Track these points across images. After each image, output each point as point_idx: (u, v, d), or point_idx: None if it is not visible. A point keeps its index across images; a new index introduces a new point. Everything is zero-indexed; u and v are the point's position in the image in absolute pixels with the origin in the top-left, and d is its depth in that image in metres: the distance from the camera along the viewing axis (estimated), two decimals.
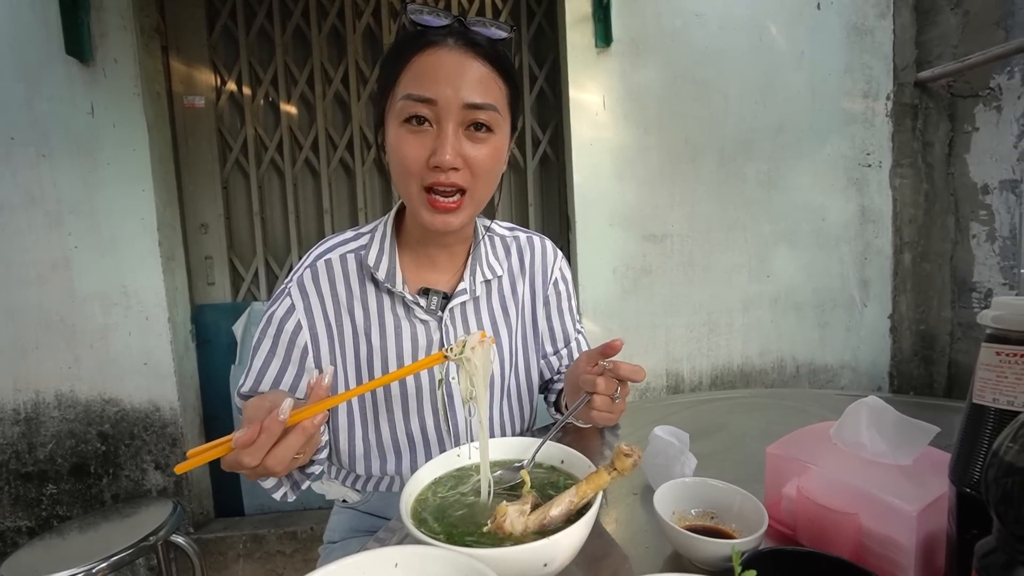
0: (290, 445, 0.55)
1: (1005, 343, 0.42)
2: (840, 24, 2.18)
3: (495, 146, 0.76)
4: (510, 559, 0.47)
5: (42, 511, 2.05)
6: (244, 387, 0.81)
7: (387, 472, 0.88)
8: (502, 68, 0.76)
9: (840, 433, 0.58)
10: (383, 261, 0.83)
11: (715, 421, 0.96)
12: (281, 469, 0.55)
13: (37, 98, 1.90)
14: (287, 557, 2.11)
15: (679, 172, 2.16)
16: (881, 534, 0.49)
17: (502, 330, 0.92)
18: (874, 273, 2.28)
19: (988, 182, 2.03)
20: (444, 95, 0.71)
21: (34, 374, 1.99)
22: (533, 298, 0.96)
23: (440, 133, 0.72)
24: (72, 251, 1.96)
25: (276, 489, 0.74)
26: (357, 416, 0.86)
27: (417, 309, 0.85)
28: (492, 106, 0.74)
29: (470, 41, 0.73)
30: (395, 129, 0.74)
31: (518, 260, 0.95)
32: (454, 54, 0.72)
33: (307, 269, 0.83)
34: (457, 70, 0.72)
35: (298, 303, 0.81)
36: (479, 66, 0.73)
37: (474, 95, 0.72)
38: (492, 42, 0.75)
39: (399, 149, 0.74)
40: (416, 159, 0.73)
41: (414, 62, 0.73)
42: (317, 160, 2.23)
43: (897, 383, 2.33)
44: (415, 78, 0.72)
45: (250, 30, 2.16)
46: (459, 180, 0.74)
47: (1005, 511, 0.32)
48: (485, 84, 0.73)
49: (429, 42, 0.72)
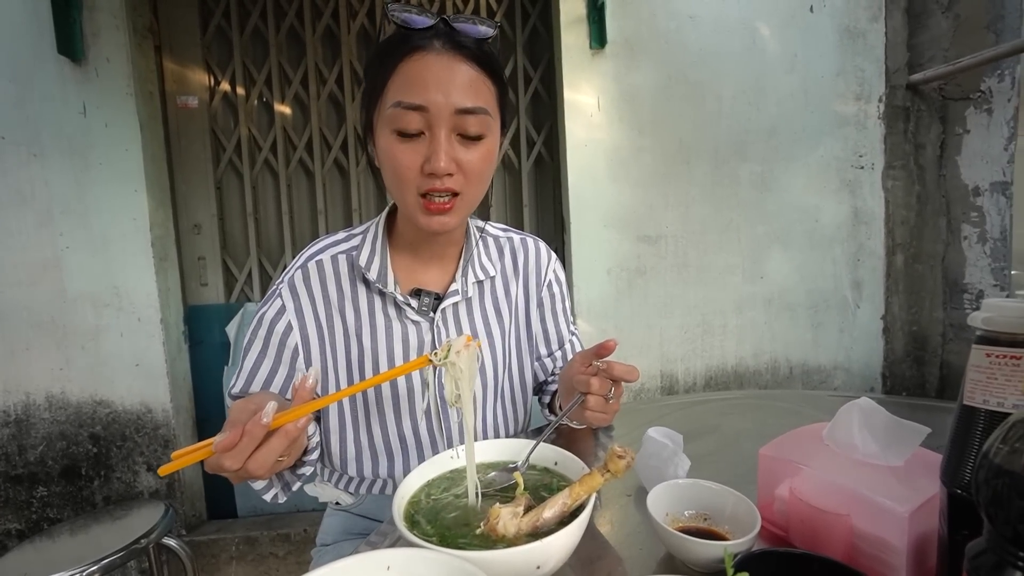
0: (272, 448, 0.54)
1: (995, 345, 0.42)
2: (832, 27, 2.20)
3: (487, 148, 0.76)
4: (503, 561, 0.47)
5: (32, 514, 2.03)
6: (235, 388, 0.80)
7: (379, 475, 0.87)
8: (490, 69, 0.76)
9: (832, 434, 0.58)
10: (375, 261, 0.83)
11: (709, 422, 0.96)
12: (263, 473, 0.55)
13: (29, 97, 1.89)
14: (280, 559, 2.10)
15: (673, 173, 2.17)
16: (873, 535, 0.49)
17: (495, 331, 0.91)
18: (867, 274, 2.30)
19: (979, 184, 2.04)
20: (435, 101, 0.70)
21: (24, 375, 1.98)
22: (527, 300, 0.96)
23: (433, 140, 0.72)
24: (63, 251, 1.94)
25: (267, 490, 0.74)
26: (348, 418, 0.85)
27: (408, 310, 0.84)
28: (483, 109, 0.73)
29: (457, 43, 0.73)
30: (386, 137, 0.74)
31: (511, 261, 0.95)
32: (442, 58, 0.71)
33: (298, 270, 0.83)
34: (446, 75, 0.71)
35: (288, 304, 0.81)
36: (467, 69, 0.73)
37: (465, 99, 0.72)
38: (479, 42, 0.75)
39: (392, 158, 0.73)
40: (410, 167, 0.73)
41: (402, 68, 0.72)
42: (311, 160, 2.22)
43: (890, 384, 2.34)
44: (404, 85, 0.71)
45: (244, 30, 2.15)
46: (453, 185, 0.74)
47: (995, 512, 0.32)
48: (475, 87, 0.73)
49: (415, 47, 0.71)
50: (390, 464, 0.87)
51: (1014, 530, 0.31)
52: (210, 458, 0.54)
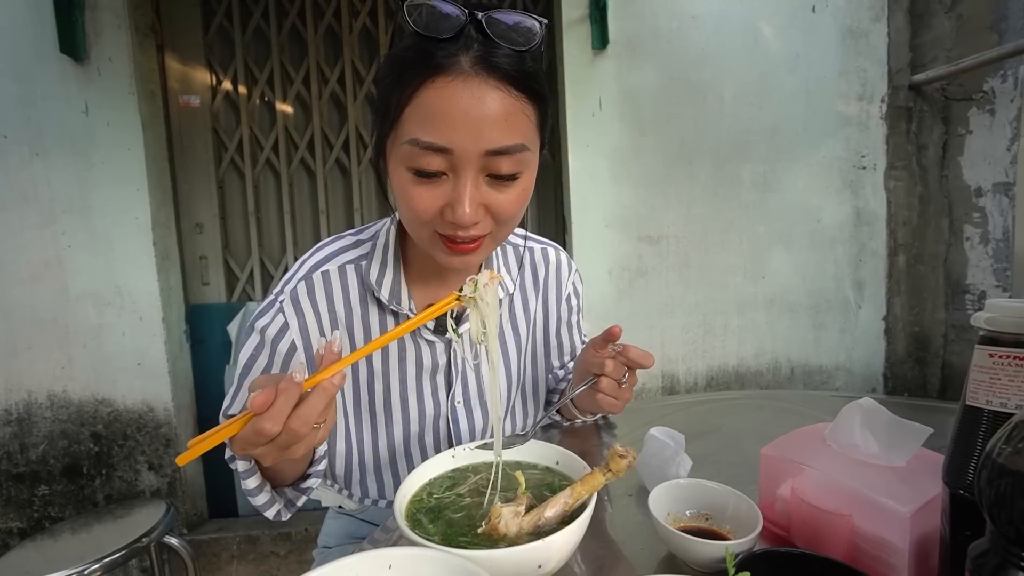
0: (313, 406, 0.49)
1: (998, 345, 0.42)
2: (835, 27, 2.19)
3: (523, 187, 0.65)
4: (504, 560, 0.47)
5: (34, 512, 2.04)
6: (232, 408, 0.72)
7: (385, 495, 0.84)
8: (532, 89, 0.61)
9: (834, 435, 0.58)
10: (386, 276, 0.75)
11: (710, 422, 0.96)
12: (306, 431, 0.50)
13: (31, 97, 1.89)
14: (281, 559, 2.10)
15: (675, 173, 2.16)
16: (875, 535, 0.49)
17: (511, 349, 0.87)
18: (868, 275, 2.29)
19: (981, 185, 2.04)
20: (461, 144, 0.58)
21: (26, 374, 1.98)
22: (545, 315, 0.92)
23: (457, 184, 0.60)
24: (65, 250, 1.95)
25: (269, 506, 0.68)
26: (354, 438, 0.81)
27: (423, 330, 0.78)
28: (520, 147, 0.61)
29: (491, 60, 0.58)
30: (401, 173, 0.62)
31: (531, 275, 0.89)
32: (471, 85, 0.57)
33: (301, 281, 0.74)
34: (476, 108, 0.57)
35: (292, 322, 0.73)
36: (503, 97, 0.58)
37: (499, 139, 0.59)
38: (520, 56, 0.59)
39: (407, 199, 0.62)
40: (428, 210, 0.62)
41: (421, 96, 0.58)
42: (313, 160, 2.22)
43: (891, 384, 2.34)
44: (423, 119, 0.58)
45: (246, 29, 2.15)
46: (479, 232, 0.64)
47: (998, 513, 0.32)
48: (511, 121, 0.59)
49: (439, 67, 0.57)
50: (396, 484, 0.83)
51: (1017, 531, 0.31)
52: (241, 432, 0.49)
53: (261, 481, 0.65)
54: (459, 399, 0.83)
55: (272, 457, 0.52)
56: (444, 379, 0.82)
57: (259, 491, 0.65)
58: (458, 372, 0.82)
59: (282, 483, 0.70)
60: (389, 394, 0.79)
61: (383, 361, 0.78)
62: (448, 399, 0.82)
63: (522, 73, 0.59)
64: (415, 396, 0.80)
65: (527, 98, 0.60)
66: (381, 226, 0.80)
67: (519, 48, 0.59)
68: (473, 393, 0.84)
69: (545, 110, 0.65)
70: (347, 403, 0.79)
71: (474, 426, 0.84)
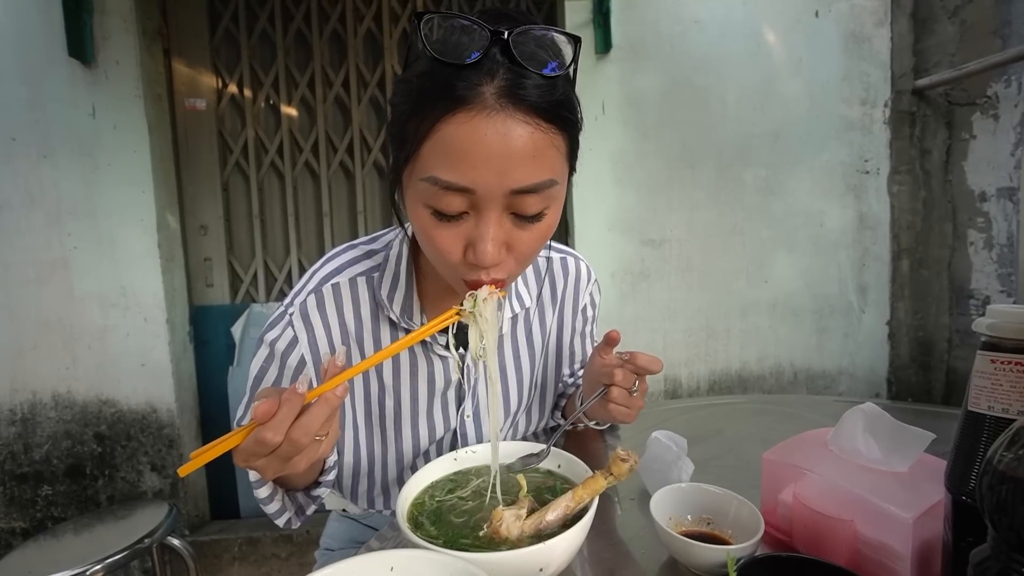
0: (315, 416, 0.49)
1: (1000, 351, 0.42)
2: (838, 32, 2.19)
3: (549, 223, 0.61)
4: (506, 563, 0.47)
5: (37, 512, 2.04)
6: (245, 419, 0.70)
7: (391, 507, 0.84)
8: (562, 117, 0.55)
9: (837, 439, 0.58)
10: (398, 292, 0.73)
11: (712, 427, 0.96)
12: (307, 441, 0.49)
13: (39, 99, 1.91)
14: (282, 560, 2.10)
15: (677, 177, 2.17)
16: (877, 541, 0.49)
17: (524, 365, 0.85)
18: (872, 279, 2.29)
19: (985, 189, 2.04)
20: (484, 183, 0.53)
21: (31, 374, 1.99)
22: (560, 327, 0.90)
23: (480, 222, 0.56)
24: (71, 252, 1.96)
25: (280, 514, 0.67)
26: (363, 451, 0.80)
27: (436, 345, 0.76)
28: (549, 183, 0.56)
29: (517, 92, 0.52)
30: (419, 209, 0.58)
31: (549, 288, 0.86)
32: (495, 121, 0.51)
33: (311, 294, 0.73)
34: (501, 146, 0.52)
35: (301, 335, 0.72)
36: (531, 132, 0.53)
37: (525, 177, 0.54)
38: (550, 85, 0.54)
39: (430, 240, 0.59)
40: (453, 252, 0.58)
41: (440, 130, 0.53)
42: (317, 163, 2.23)
43: (895, 389, 2.33)
44: (443, 156, 0.53)
45: (252, 33, 2.17)
46: (500, 273, 0.60)
47: (999, 519, 0.32)
48: (539, 157, 0.54)
49: (460, 99, 0.51)
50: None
51: (1018, 537, 0.31)
52: (243, 443, 0.49)
53: (273, 489, 0.65)
54: (469, 412, 0.82)
55: (273, 470, 0.52)
56: (455, 395, 0.81)
57: (271, 499, 0.65)
58: (470, 387, 0.80)
59: (293, 488, 0.70)
60: (400, 409, 0.78)
61: (394, 376, 0.77)
62: (458, 414, 0.81)
63: (552, 103, 0.54)
64: (425, 412, 0.79)
65: (557, 128, 0.55)
66: (394, 236, 0.78)
67: (549, 74, 0.53)
68: (482, 406, 0.83)
69: (576, 135, 0.60)
70: (357, 417, 0.78)
71: (482, 438, 0.83)
